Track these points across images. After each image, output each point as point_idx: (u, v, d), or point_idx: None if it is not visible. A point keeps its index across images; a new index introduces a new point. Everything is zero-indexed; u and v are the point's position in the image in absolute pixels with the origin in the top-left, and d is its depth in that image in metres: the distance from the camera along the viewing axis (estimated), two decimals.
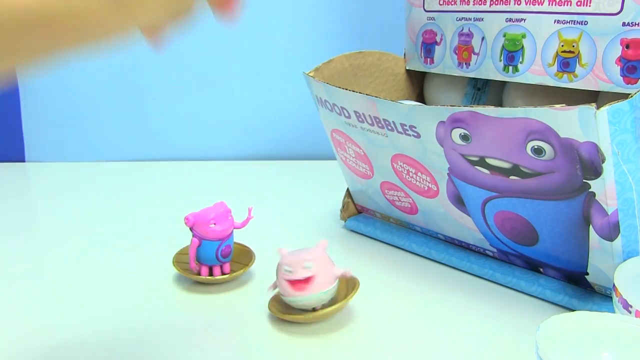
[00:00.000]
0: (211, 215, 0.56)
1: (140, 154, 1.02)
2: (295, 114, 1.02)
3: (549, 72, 0.59)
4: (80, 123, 0.99)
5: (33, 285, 0.58)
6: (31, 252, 0.66)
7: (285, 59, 0.99)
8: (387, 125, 0.57)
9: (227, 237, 0.57)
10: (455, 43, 0.67)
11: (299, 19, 0.98)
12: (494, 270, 0.59)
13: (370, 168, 0.64)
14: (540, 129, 0.45)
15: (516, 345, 0.49)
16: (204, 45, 0.98)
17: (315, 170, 0.95)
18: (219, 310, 0.54)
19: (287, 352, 0.48)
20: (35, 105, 0.98)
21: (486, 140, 0.49)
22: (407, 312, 0.54)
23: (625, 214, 0.47)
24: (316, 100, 0.64)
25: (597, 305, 0.52)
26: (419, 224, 0.65)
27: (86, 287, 0.58)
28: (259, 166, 0.98)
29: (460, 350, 0.48)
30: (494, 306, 0.55)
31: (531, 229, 0.53)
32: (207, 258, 0.57)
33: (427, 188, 0.59)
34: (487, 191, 0.53)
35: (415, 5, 0.71)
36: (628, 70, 0.54)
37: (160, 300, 0.55)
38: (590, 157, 0.45)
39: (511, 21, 0.61)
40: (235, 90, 1.00)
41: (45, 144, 1.00)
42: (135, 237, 0.69)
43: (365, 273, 0.61)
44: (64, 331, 0.50)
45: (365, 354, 0.48)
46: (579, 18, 0.56)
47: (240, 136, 1.02)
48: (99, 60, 0.97)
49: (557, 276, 0.56)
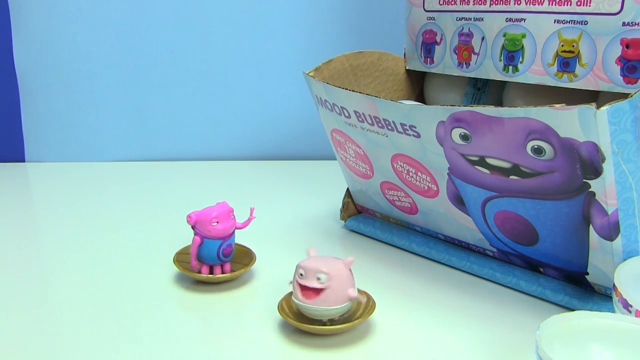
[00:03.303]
0: (214, 214, 0.56)
1: (140, 154, 1.02)
2: (295, 114, 1.02)
3: (549, 72, 0.59)
4: (80, 123, 0.99)
5: (33, 285, 0.58)
6: (31, 251, 0.66)
7: (285, 59, 0.99)
8: (387, 125, 0.57)
9: (229, 237, 0.57)
10: (455, 43, 0.67)
11: (299, 19, 0.98)
12: (494, 270, 0.59)
13: (370, 168, 0.64)
14: (540, 129, 0.45)
15: (516, 345, 0.49)
16: (204, 45, 0.98)
17: (315, 170, 0.95)
18: (220, 310, 0.54)
19: (287, 352, 0.48)
20: (35, 105, 0.98)
21: (486, 140, 0.49)
22: (407, 312, 0.54)
23: (625, 214, 0.47)
24: (316, 100, 0.64)
25: (597, 305, 0.52)
26: (419, 224, 0.65)
27: (86, 286, 0.58)
28: (259, 166, 0.98)
29: (460, 350, 0.48)
30: (494, 306, 0.55)
31: (531, 229, 0.53)
32: (208, 257, 0.57)
33: (427, 188, 0.59)
34: (487, 191, 0.53)
35: (415, 5, 0.71)
36: (628, 70, 0.54)
37: (160, 300, 0.55)
38: (590, 157, 0.45)
39: (511, 21, 0.61)
40: (235, 90, 1.00)
41: (45, 144, 1.00)
42: (135, 237, 0.69)
43: (365, 273, 0.61)
44: (64, 331, 0.50)
45: (365, 353, 0.48)
46: (579, 18, 0.56)
47: (240, 136, 1.02)
48: (100, 61, 0.97)
49: (557, 276, 0.56)
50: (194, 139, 1.02)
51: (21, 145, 0.99)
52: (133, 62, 0.97)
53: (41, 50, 0.95)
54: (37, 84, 0.97)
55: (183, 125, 1.01)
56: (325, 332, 0.49)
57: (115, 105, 0.99)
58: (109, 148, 1.01)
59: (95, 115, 0.99)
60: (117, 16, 0.95)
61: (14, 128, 0.98)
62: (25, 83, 0.97)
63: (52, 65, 0.96)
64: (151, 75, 0.98)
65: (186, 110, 1.01)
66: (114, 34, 0.96)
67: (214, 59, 0.99)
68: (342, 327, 0.49)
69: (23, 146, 0.99)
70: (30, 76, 0.97)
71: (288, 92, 1.01)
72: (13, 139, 0.99)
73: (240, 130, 1.02)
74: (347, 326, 0.49)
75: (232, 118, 1.01)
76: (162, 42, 0.97)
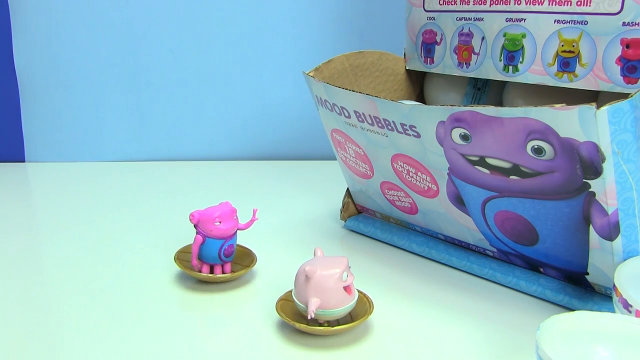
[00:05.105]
0: (216, 213, 0.56)
1: (140, 154, 1.02)
2: (295, 114, 1.02)
3: (549, 72, 0.59)
4: (80, 123, 0.99)
5: (33, 285, 0.58)
6: (31, 252, 0.66)
7: (285, 59, 0.99)
8: (387, 125, 0.57)
9: (230, 237, 0.57)
10: (455, 43, 0.67)
11: (299, 19, 0.98)
12: (494, 270, 0.59)
13: (370, 168, 0.64)
14: (540, 129, 0.45)
15: (516, 345, 0.49)
16: (204, 45, 0.98)
17: (315, 170, 0.95)
18: (219, 310, 0.54)
19: (287, 352, 0.48)
20: (35, 105, 0.98)
21: (486, 140, 0.49)
22: (406, 312, 0.54)
23: (625, 214, 0.47)
24: (316, 100, 0.64)
25: (597, 305, 0.52)
26: (419, 224, 0.65)
27: (86, 286, 0.58)
28: (259, 166, 0.98)
29: (460, 350, 0.48)
30: (494, 306, 0.55)
31: (531, 229, 0.53)
32: (209, 256, 0.57)
33: (427, 188, 0.59)
34: (487, 191, 0.53)
35: (415, 5, 0.71)
36: (628, 70, 0.54)
37: (160, 299, 0.55)
38: (591, 157, 0.45)
39: (511, 21, 0.61)
40: (235, 90, 1.00)
41: (45, 144, 1.00)
42: (135, 237, 0.69)
43: (365, 273, 0.61)
44: (64, 331, 0.50)
45: (365, 353, 0.48)
46: (579, 18, 0.56)
47: (240, 136, 1.02)
48: (100, 61, 0.97)
49: (557, 276, 0.56)
50: (194, 139, 1.02)
51: (21, 145, 0.99)
52: (133, 62, 0.97)
53: (41, 50, 0.95)
54: (37, 84, 0.97)
55: (183, 125, 1.01)
56: (324, 332, 0.49)
57: (115, 105, 0.99)
58: (109, 148, 1.01)
59: (95, 115, 0.99)
60: (117, 16, 0.95)
61: (14, 128, 0.98)
62: (25, 83, 0.97)
63: (52, 65, 0.96)
64: (151, 75, 0.98)
65: (186, 110, 1.01)
66: (114, 34, 0.96)
67: (214, 59, 0.99)
68: (340, 328, 0.49)
69: (23, 146, 0.99)
70: (30, 76, 0.97)
71: (288, 92, 1.01)
72: (13, 139, 0.99)
73: (240, 130, 1.02)
74: (346, 327, 0.49)
75: (232, 118, 1.01)
76: (162, 42, 0.97)
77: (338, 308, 0.48)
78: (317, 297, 0.48)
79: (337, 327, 0.49)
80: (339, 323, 0.50)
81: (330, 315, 0.49)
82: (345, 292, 0.49)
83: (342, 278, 0.48)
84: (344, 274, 0.49)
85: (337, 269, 0.49)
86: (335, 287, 0.48)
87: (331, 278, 0.48)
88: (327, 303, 0.48)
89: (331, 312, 0.48)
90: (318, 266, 0.49)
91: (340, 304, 0.49)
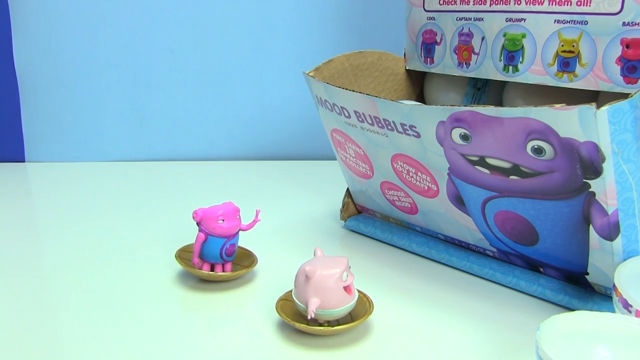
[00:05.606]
0: (220, 212, 0.56)
1: (140, 154, 1.02)
2: (295, 114, 1.02)
3: (549, 72, 0.59)
4: (80, 123, 0.99)
5: (33, 285, 0.58)
6: (31, 252, 0.66)
7: (285, 59, 0.99)
8: (387, 125, 0.57)
9: (233, 236, 0.57)
10: (455, 43, 0.67)
11: (299, 19, 0.98)
12: (494, 270, 0.59)
13: (370, 168, 0.64)
14: (540, 129, 0.45)
15: (516, 345, 0.49)
16: (204, 45, 0.98)
17: (315, 170, 0.95)
18: (219, 309, 0.54)
19: (286, 352, 0.48)
20: (35, 105, 0.98)
21: (486, 140, 0.49)
22: (406, 312, 0.54)
23: (625, 214, 0.47)
24: (316, 100, 0.64)
25: (597, 305, 0.52)
26: (419, 224, 0.65)
27: (86, 286, 0.58)
28: (259, 166, 0.98)
29: (460, 350, 0.48)
30: (494, 306, 0.55)
31: (531, 229, 0.53)
32: (211, 255, 0.57)
33: (427, 188, 0.59)
34: (487, 191, 0.53)
35: (415, 5, 0.71)
36: (628, 70, 0.54)
37: (160, 298, 0.55)
38: (591, 157, 0.45)
39: (511, 21, 0.61)
40: (235, 90, 1.00)
41: (45, 144, 1.00)
42: (135, 237, 0.69)
43: (365, 273, 0.61)
44: (65, 330, 0.50)
45: (365, 353, 0.48)
46: (579, 18, 0.56)
47: (240, 136, 1.02)
48: (99, 61, 0.97)
49: (557, 276, 0.56)
50: (194, 139, 1.02)
51: (21, 145, 0.99)
52: (133, 62, 0.97)
53: (41, 50, 0.95)
54: (37, 84, 0.97)
55: (183, 125, 1.01)
56: (324, 332, 0.49)
57: (115, 105, 0.99)
58: (109, 148, 1.01)
59: (95, 115, 0.99)
60: (117, 16, 0.95)
61: (14, 128, 0.98)
62: (25, 83, 0.97)
63: (52, 65, 0.96)
64: (151, 75, 0.98)
65: (186, 110, 1.01)
66: (114, 34, 0.96)
67: (214, 59, 0.99)
68: (340, 328, 0.49)
69: (23, 146, 0.99)
70: (30, 76, 0.97)
71: (288, 92, 1.01)
72: (13, 139, 0.99)
73: (240, 130, 1.02)
74: (346, 327, 0.49)
75: (232, 118, 1.01)
76: (162, 42, 0.97)
77: (338, 308, 0.48)
78: (317, 297, 0.48)
79: (337, 327, 0.49)
80: (339, 323, 0.50)
81: (330, 315, 0.49)
82: (345, 292, 0.49)
83: (342, 278, 0.48)
84: (344, 274, 0.49)
85: (337, 269, 0.49)
86: (335, 287, 0.48)
87: (331, 278, 0.48)
88: (327, 303, 0.48)
89: (331, 312, 0.48)
90: (318, 266, 0.49)
91: (340, 304, 0.49)
